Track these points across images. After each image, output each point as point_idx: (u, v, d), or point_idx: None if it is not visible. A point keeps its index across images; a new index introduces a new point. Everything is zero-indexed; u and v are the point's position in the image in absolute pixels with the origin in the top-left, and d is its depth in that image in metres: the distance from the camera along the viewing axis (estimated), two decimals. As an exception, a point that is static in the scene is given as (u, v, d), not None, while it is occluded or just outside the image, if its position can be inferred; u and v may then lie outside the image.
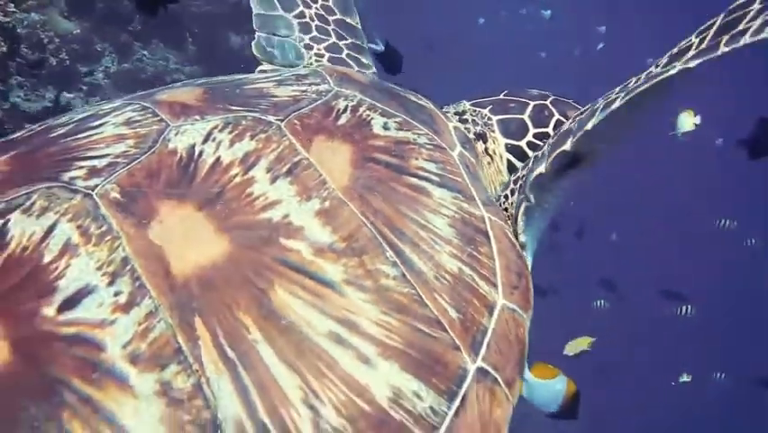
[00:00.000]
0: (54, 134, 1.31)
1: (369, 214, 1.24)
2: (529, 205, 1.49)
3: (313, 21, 2.18)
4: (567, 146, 1.39)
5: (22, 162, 1.23)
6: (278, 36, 2.14)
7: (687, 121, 5.07)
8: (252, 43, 2.16)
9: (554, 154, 1.40)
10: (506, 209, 1.60)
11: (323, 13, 2.22)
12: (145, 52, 8.31)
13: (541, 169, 1.43)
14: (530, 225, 1.51)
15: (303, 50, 2.10)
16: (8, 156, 1.25)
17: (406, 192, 1.32)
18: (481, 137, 1.76)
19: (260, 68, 2.11)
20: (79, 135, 1.28)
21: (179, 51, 8.61)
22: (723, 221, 9.63)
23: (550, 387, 3.20)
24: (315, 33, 2.15)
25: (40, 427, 0.94)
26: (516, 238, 1.50)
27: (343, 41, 2.13)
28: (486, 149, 1.75)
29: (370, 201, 1.26)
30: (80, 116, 1.37)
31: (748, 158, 5.47)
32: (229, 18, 8.65)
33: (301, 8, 2.20)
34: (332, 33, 2.17)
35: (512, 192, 1.60)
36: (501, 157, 1.76)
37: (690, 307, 8.44)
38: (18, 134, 1.39)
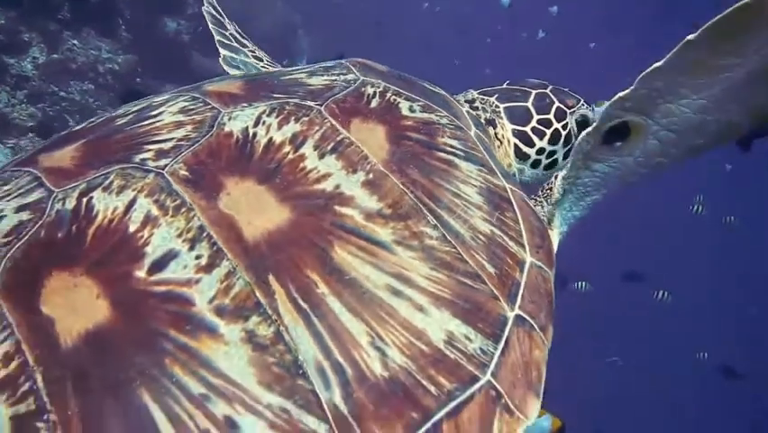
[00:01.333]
0: (117, 123, 1.48)
1: (408, 184, 1.44)
2: (567, 178, 1.71)
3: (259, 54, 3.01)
4: (627, 91, 1.52)
5: (95, 148, 1.40)
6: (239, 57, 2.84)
7: None
8: (220, 60, 2.92)
9: (612, 100, 1.55)
10: (546, 198, 1.81)
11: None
12: (75, 41, 8.20)
13: (592, 128, 1.61)
14: (563, 204, 1.73)
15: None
16: (80, 143, 1.42)
17: (437, 165, 1.53)
18: (491, 123, 1.98)
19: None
20: (142, 123, 1.46)
21: (112, 39, 8.51)
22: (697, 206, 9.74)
23: (537, 426, 3.45)
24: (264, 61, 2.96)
25: (146, 369, 1.11)
26: (550, 222, 1.73)
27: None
28: (495, 134, 1.98)
29: (408, 173, 1.47)
30: (136, 108, 1.55)
31: (738, 146, 5.95)
32: (164, 2, 8.61)
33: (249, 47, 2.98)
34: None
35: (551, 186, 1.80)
36: (509, 142, 1.98)
37: (665, 292, 8.78)
38: (80, 126, 1.55)
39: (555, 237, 1.73)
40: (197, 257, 1.22)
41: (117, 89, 8.27)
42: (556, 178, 1.76)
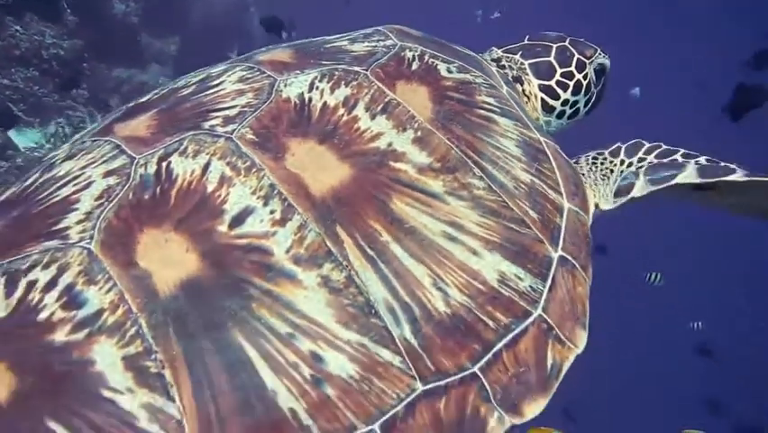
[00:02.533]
0: (183, 94, 1.63)
1: (453, 139, 1.61)
2: (632, 184, 1.89)
3: None
4: (697, 180, 1.82)
5: (166, 117, 1.55)
6: None
7: None
8: None
9: (691, 180, 1.82)
10: (595, 164, 1.99)
11: None
12: (18, 27, 8.05)
13: (675, 180, 1.84)
14: (619, 197, 1.90)
15: None
16: (152, 113, 1.57)
17: (477, 121, 1.70)
18: (518, 80, 2.15)
19: None
20: (206, 92, 1.60)
21: (57, 24, 8.39)
22: None
23: None
24: None
25: (237, 313, 1.27)
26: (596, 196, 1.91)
27: None
28: (523, 90, 2.14)
29: (452, 129, 1.63)
30: (196, 79, 1.69)
31: (731, 120, 6.36)
32: (111, -17, 8.53)
33: None
34: None
35: (621, 162, 1.96)
36: (536, 97, 2.14)
37: (659, 274, 9.03)
38: (146, 98, 1.70)
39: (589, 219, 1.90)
40: (272, 212, 1.38)
41: (63, 75, 8.18)
42: (621, 166, 1.95)
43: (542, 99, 2.14)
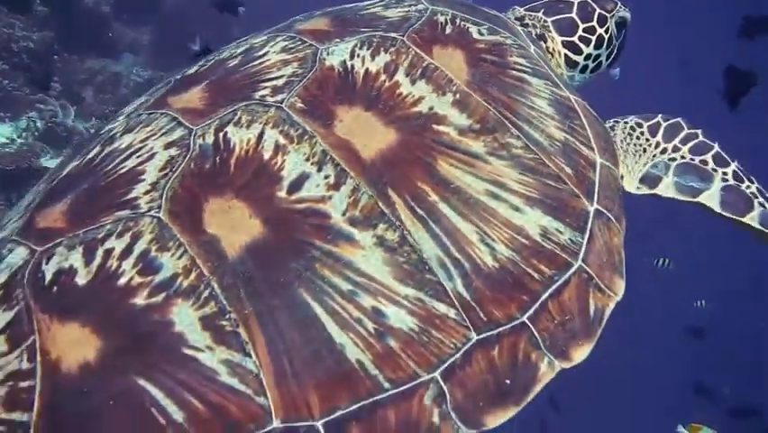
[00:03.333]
0: (230, 65, 1.71)
1: (490, 101, 1.71)
2: (659, 178, 1.98)
3: None
4: (717, 209, 1.93)
5: (217, 89, 1.64)
6: None
7: None
8: None
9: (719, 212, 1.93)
10: (631, 135, 2.06)
11: None
12: (-14, 20, 7.98)
13: (698, 199, 1.94)
14: (643, 184, 1.99)
15: None
16: (203, 85, 1.66)
17: (511, 82, 1.80)
18: (542, 38, 2.23)
19: None
20: (252, 63, 1.69)
21: (26, 16, 8.32)
22: None
23: None
24: None
25: (302, 274, 1.38)
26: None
27: None
28: (547, 48, 2.23)
29: (488, 91, 1.73)
30: (241, 50, 1.78)
31: (729, 109, 6.49)
32: (81, -29, 8.46)
33: None
34: None
35: (657, 144, 2.03)
36: (559, 53, 2.24)
37: (667, 260, 9.11)
38: (193, 70, 1.78)
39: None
40: (326, 177, 1.48)
41: (34, 69, 8.12)
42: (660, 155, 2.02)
43: (565, 55, 2.23)
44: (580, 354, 1.52)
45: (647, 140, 2.05)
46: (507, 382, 1.44)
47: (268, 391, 1.30)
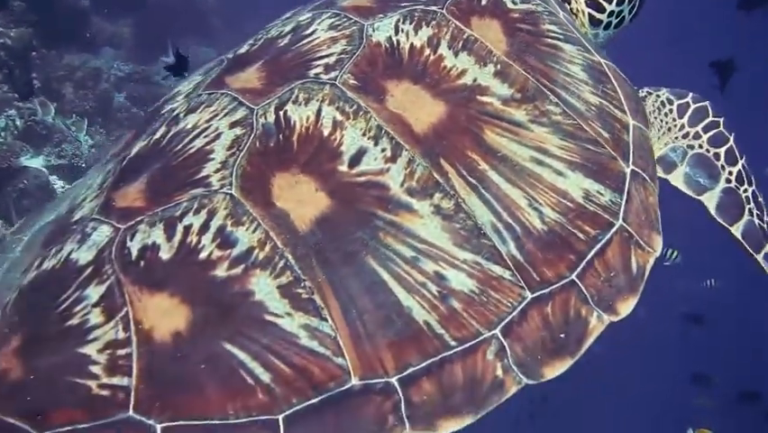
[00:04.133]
0: (281, 45, 1.82)
1: (528, 70, 1.82)
2: (674, 165, 2.13)
3: None
4: (712, 212, 2.09)
5: (273, 68, 1.75)
6: None
7: None
8: None
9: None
10: (660, 111, 2.17)
11: None
12: (-39, 18, 7.95)
13: (700, 198, 2.10)
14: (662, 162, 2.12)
15: None
16: (259, 65, 1.77)
17: (546, 50, 1.91)
18: (566, 0, 2.32)
19: None
20: (303, 42, 1.80)
21: (2, 11, 8.29)
22: None
23: None
24: None
25: (368, 243, 1.50)
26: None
27: None
28: (571, 9, 2.32)
29: (526, 60, 1.85)
30: (288, 28, 1.87)
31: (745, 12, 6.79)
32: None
33: None
34: None
35: (681, 126, 2.14)
36: (583, 13, 2.31)
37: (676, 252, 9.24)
38: (244, 49, 1.89)
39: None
40: (383, 150, 1.60)
41: (11, 66, 8.10)
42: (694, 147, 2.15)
43: (589, 14, 2.31)
44: (626, 307, 1.65)
45: (674, 119, 2.17)
46: (562, 336, 1.57)
47: (345, 351, 1.43)
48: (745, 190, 2.11)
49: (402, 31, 1.80)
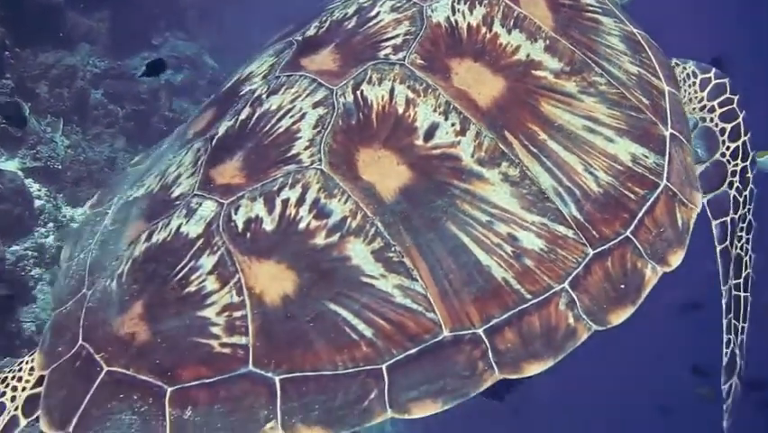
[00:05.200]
0: (349, 27, 2.00)
1: (574, 43, 2.03)
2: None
3: None
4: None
5: (344, 50, 1.94)
6: None
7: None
8: None
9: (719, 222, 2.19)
10: (686, 82, 2.31)
11: None
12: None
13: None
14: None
15: None
16: (332, 48, 1.96)
17: (587, 24, 2.12)
18: None
19: None
20: (369, 24, 1.98)
21: (-26, 11, 8.30)
22: None
23: None
24: None
25: (447, 210, 1.71)
26: None
27: None
28: None
29: (571, 34, 2.05)
30: (352, 11, 2.05)
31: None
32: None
33: None
34: None
35: (700, 99, 2.29)
36: None
37: None
38: (311, 32, 2.06)
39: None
40: (453, 125, 1.80)
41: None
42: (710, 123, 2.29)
43: None
44: (676, 259, 1.87)
45: (695, 92, 2.34)
46: (622, 286, 1.79)
47: (435, 307, 1.63)
48: (736, 165, 2.25)
49: (458, 11, 1.99)
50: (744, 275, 2.19)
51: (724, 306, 2.16)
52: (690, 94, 2.35)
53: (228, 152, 1.83)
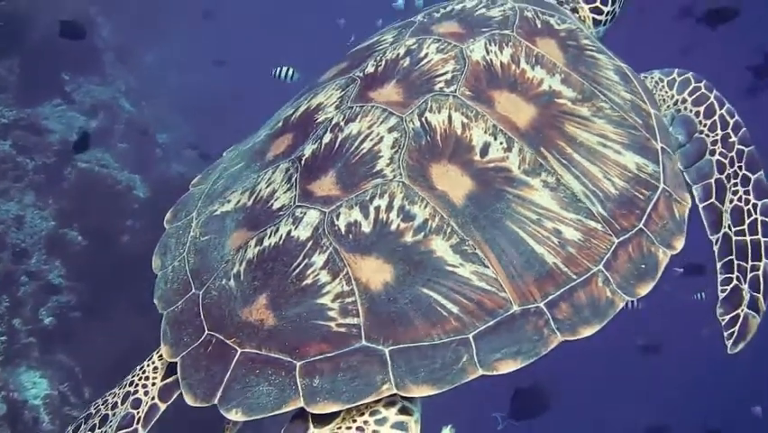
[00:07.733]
0: (404, 65, 2.55)
1: (582, 76, 2.62)
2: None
3: None
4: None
5: (405, 85, 2.49)
6: None
7: None
8: None
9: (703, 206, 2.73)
10: (656, 87, 2.93)
11: None
12: None
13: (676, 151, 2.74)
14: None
15: None
16: (394, 83, 2.51)
17: (589, 60, 2.71)
18: (575, 10, 3.04)
19: None
20: (421, 63, 2.54)
21: None
22: None
23: None
24: None
25: (505, 211, 2.27)
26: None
27: None
28: (579, 17, 3.04)
29: (579, 69, 2.64)
30: (402, 51, 2.60)
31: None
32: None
33: None
34: None
35: (671, 96, 2.90)
36: (588, 18, 3.06)
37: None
38: (372, 69, 2.60)
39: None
40: (501, 143, 2.36)
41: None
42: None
43: (593, 18, 3.13)
44: (680, 243, 2.46)
45: (666, 92, 2.97)
46: (642, 266, 2.36)
47: (505, 288, 2.16)
48: (716, 135, 2.76)
49: (491, 51, 2.57)
50: (748, 221, 2.69)
51: (716, 251, 2.71)
52: (663, 96, 2.96)
53: (320, 170, 2.34)
